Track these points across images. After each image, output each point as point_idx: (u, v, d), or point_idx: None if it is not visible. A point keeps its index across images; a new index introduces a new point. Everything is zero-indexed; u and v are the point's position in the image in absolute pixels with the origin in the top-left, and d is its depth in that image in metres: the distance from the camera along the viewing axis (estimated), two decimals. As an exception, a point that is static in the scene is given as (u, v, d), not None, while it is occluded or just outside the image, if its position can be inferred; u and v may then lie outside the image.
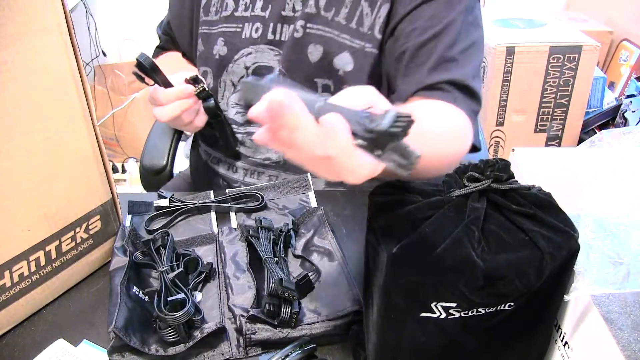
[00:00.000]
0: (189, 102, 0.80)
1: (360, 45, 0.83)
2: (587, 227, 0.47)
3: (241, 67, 0.90)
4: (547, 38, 1.85)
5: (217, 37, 0.90)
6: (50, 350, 0.58)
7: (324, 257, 0.69)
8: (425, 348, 0.49)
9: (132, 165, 2.32)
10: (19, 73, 0.56)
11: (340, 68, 0.84)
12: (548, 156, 0.64)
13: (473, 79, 0.79)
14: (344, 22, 0.83)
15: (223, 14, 0.90)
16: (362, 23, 0.82)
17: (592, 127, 2.01)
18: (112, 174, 0.70)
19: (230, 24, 0.89)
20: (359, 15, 0.82)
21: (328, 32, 0.83)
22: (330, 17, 0.83)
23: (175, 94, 0.78)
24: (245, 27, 0.88)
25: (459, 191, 0.46)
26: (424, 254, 0.43)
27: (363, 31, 0.82)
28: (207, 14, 0.92)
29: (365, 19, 0.82)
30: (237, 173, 0.95)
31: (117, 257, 0.67)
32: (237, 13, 0.89)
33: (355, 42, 0.83)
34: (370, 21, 0.82)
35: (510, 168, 0.47)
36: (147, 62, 0.75)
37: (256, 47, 0.88)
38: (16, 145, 0.58)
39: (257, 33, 0.88)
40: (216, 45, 0.91)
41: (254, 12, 0.88)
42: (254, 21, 0.88)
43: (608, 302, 0.44)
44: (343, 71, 0.84)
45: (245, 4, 0.88)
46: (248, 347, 0.58)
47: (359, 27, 0.82)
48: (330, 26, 0.83)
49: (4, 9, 0.53)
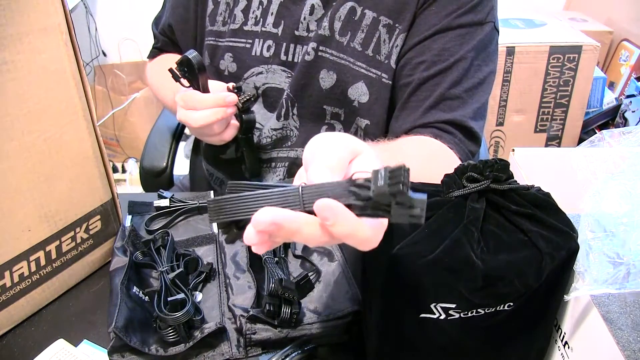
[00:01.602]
0: (226, 111, 0.72)
1: (377, 75, 0.78)
2: (587, 227, 0.47)
3: (250, 86, 0.85)
4: (547, 38, 1.85)
5: (225, 51, 0.85)
6: (50, 350, 0.58)
7: (324, 257, 0.69)
8: (424, 348, 0.49)
9: (132, 165, 2.32)
10: (19, 73, 0.56)
11: (355, 99, 0.80)
12: (548, 156, 0.64)
13: (474, 119, 0.76)
14: (359, 49, 0.78)
15: (231, 27, 0.84)
16: (379, 50, 0.78)
17: (592, 127, 2.01)
18: (112, 174, 0.70)
19: (239, 39, 0.84)
20: (376, 42, 0.78)
21: (343, 59, 0.79)
22: (345, 42, 0.78)
23: (214, 100, 0.72)
24: (256, 44, 0.83)
25: (458, 192, 0.46)
26: (423, 255, 0.43)
27: (380, 59, 0.78)
28: (213, 24, 0.87)
29: (383, 47, 0.77)
30: None
31: (117, 257, 0.67)
32: (247, 27, 0.83)
33: (371, 72, 0.78)
34: (387, 49, 0.77)
35: (509, 168, 0.47)
36: (197, 60, 0.69)
37: (267, 67, 0.83)
38: (16, 145, 0.58)
39: (269, 52, 0.82)
40: (223, 60, 0.86)
41: (264, 28, 0.82)
42: (265, 38, 0.82)
43: (608, 302, 0.44)
44: (358, 102, 0.80)
45: (255, 18, 0.82)
46: (248, 347, 0.58)
47: (376, 55, 0.78)
48: (345, 52, 0.78)
49: (4, 9, 0.53)
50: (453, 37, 0.74)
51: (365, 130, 0.82)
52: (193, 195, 0.83)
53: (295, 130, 0.85)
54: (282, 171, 0.87)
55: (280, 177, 0.87)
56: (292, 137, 0.85)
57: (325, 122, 0.84)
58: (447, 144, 0.73)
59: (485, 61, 0.77)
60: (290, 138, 0.85)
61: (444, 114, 0.75)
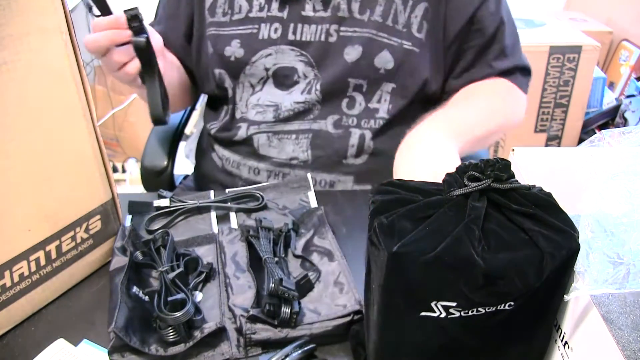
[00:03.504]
0: (119, 34, 0.74)
1: (398, 43, 0.85)
2: (587, 227, 0.47)
3: (260, 68, 0.89)
4: (547, 38, 1.85)
5: (231, 38, 0.89)
6: (50, 350, 0.58)
7: (324, 257, 0.69)
8: (425, 347, 0.49)
9: (132, 165, 2.32)
10: (19, 73, 0.56)
11: (381, 67, 0.86)
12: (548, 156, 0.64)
13: (524, 57, 0.96)
14: (380, 20, 0.85)
15: (235, 17, 0.88)
16: (396, 20, 0.85)
17: (592, 127, 2.01)
18: (112, 174, 0.70)
19: (246, 26, 0.88)
20: (394, 13, 0.85)
21: (366, 33, 0.85)
22: (366, 18, 0.85)
23: (107, 21, 0.73)
24: (262, 28, 0.87)
25: (459, 190, 0.46)
26: (424, 253, 0.43)
27: (399, 29, 0.85)
28: (213, 15, 0.91)
29: (400, 16, 0.85)
30: (259, 175, 0.93)
31: (117, 257, 0.67)
32: (252, 14, 0.88)
33: (392, 40, 0.85)
34: (404, 19, 0.85)
35: (510, 168, 0.47)
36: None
37: (276, 48, 0.87)
38: (16, 145, 0.58)
39: (276, 34, 0.87)
40: (229, 47, 0.89)
41: (270, 13, 0.87)
42: (271, 22, 0.87)
43: (608, 302, 0.44)
44: (384, 69, 0.86)
45: (259, 5, 0.87)
46: (248, 347, 0.58)
47: (394, 25, 0.85)
48: (368, 26, 0.85)
49: (4, 9, 0.53)
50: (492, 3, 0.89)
51: (391, 93, 0.89)
52: (193, 195, 0.83)
53: (317, 104, 0.89)
54: (305, 143, 0.90)
55: (303, 148, 0.90)
56: (315, 110, 0.90)
57: (347, 94, 0.89)
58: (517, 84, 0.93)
59: (509, 9, 0.93)
60: (313, 111, 0.90)
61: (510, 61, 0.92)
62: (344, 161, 0.91)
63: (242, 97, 0.92)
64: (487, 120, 0.85)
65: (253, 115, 0.91)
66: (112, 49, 0.76)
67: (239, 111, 0.94)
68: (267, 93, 0.90)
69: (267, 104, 0.91)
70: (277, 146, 0.91)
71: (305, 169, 0.90)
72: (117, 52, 0.76)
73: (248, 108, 0.92)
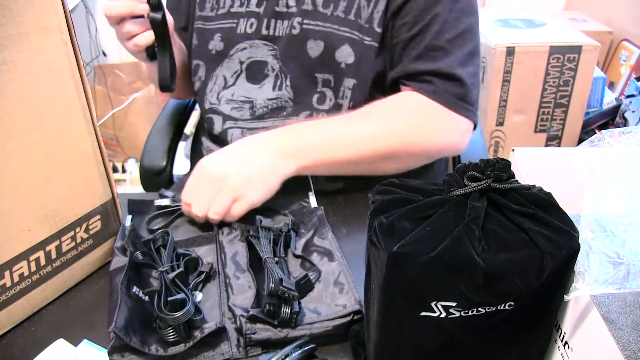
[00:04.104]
0: (137, 6, 0.78)
1: (359, 38, 0.84)
2: (587, 227, 0.47)
3: (236, 62, 0.91)
4: (547, 38, 1.85)
5: (214, 32, 0.91)
6: (50, 350, 0.58)
7: (324, 257, 0.69)
8: (425, 347, 0.49)
9: (132, 165, 2.32)
10: (19, 73, 0.56)
11: (342, 61, 0.85)
12: (548, 156, 0.64)
13: (460, 66, 0.82)
14: (342, 15, 0.84)
15: (220, 11, 0.91)
16: (359, 15, 0.84)
17: (592, 127, 2.01)
18: (112, 174, 0.70)
19: (227, 20, 0.91)
20: (357, 8, 0.84)
21: (328, 27, 0.85)
22: (329, 13, 0.85)
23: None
24: (241, 23, 0.90)
25: (459, 190, 0.46)
26: (424, 253, 0.43)
27: (361, 23, 0.84)
28: (202, 10, 0.94)
29: (363, 12, 0.84)
30: None
31: (117, 257, 0.67)
32: (233, 9, 0.90)
33: (354, 34, 0.84)
34: (367, 14, 0.84)
35: (510, 168, 0.47)
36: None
37: (251, 42, 0.90)
38: (16, 145, 0.58)
39: (251, 28, 0.89)
40: (212, 40, 0.92)
41: (249, 8, 0.89)
42: (248, 17, 0.89)
43: (608, 302, 0.44)
44: (345, 64, 0.85)
45: (241, 0, 0.90)
46: (248, 347, 0.58)
47: (357, 19, 0.84)
48: (330, 21, 0.85)
49: (4, 9, 0.53)
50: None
51: (352, 89, 0.87)
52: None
53: (290, 101, 0.90)
54: None
55: None
56: (288, 107, 0.90)
57: (317, 90, 0.88)
58: (425, 94, 0.82)
59: (465, 12, 0.83)
60: (286, 108, 0.90)
61: (429, 64, 0.82)
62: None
63: (213, 89, 0.94)
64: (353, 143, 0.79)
65: (228, 111, 0.92)
66: (127, 20, 0.80)
67: (207, 102, 0.95)
68: (239, 87, 0.92)
69: (241, 99, 0.92)
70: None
71: None
72: (130, 23, 0.79)
73: (220, 102, 0.93)
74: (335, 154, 0.79)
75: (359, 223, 0.79)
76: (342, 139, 0.80)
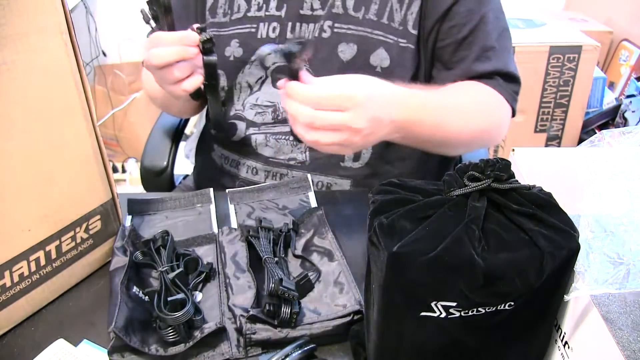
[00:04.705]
0: (189, 50, 0.73)
1: (394, 41, 0.85)
2: (587, 227, 0.47)
3: (259, 67, 0.89)
4: (547, 38, 1.85)
5: (230, 38, 0.89)
6: (50, 350, 0.58)
7: (324, 257, 0.69)
8: (425, 347, 0.49)
9: (132, 165, 2.32)
10: (19, 73, 0.56)
11: (377, 65, 0.85)
12: (548, 156, 0.64)
13: (511, 63, 0.88)
14: (375, 19, 0.85)
15: (235, 16, 0.89)
16: (392, 19, 0.85)
17: (592, 127, 2.01)
18: (112, 174, 0.70)
19: (244, 25, 0.89)
20: (389, 11, 0.84)
21: (361, 31, 0.85)
22: (361, 16, 0.85)
23: (178, 37, 0.72)
24: (261, 27, 0.88)
25: (459, 190, 0.46)
26: (424, 253, 0.43)
27: (394, 27, 0.84)
28: (214, 16, 0.91)
29: (395, 15, 0.84)
30: (257, 175, 0.93)
31: (117, 257, 0.67)
32: (250, 13, 0.88)
33: (388, 38, 0.84)
34: (400, 17, 0.84)
35: (510, 168, 0.47)
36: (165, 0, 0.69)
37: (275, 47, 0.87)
38: (16, 145, 0.58)
39: (274, 33, 0.87)
40: (229, 47, 0.90)
41: (268, 12, 0.87)
42: (269, 21, 0.87)
43: (608, 302, 0.44)
44: (380, 67, 0.85)
45: (258, 4, 0.88)
46: (248, 347, 0.58)
47: (390, 23, 0.84)
48: (362, 24, 0.85)
49: (4, 8, 0.53)
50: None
51: None
52: (192, 194, 0.83)
53: None
54: (303, 144, 0.86)
55: (302, 149, 0.90)
56: None
57: None
58: (497, 90, 0.85)
59: (501, 11, 0.88)
60: None
61: (488, 64, 0.86)
62: (341, 164, 0.90)
63: (240, 97, 0.92)
64: (461, 115, 0.81)
65: (252, 116, 0.91)
66: (174, 64, 0.75)
67: (233, 109, 0.94)
68: (264, 92, 0.90)
69: (265, 104, 0.90)
70: (274, 146, 0.90)
71: (303, 170, 0.90)
72: (178, 67, 0.74)
73: (245, 107, 0.92)
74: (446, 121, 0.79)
75: (359, 223, 0.79)
76: (457, 108, 0.81)
